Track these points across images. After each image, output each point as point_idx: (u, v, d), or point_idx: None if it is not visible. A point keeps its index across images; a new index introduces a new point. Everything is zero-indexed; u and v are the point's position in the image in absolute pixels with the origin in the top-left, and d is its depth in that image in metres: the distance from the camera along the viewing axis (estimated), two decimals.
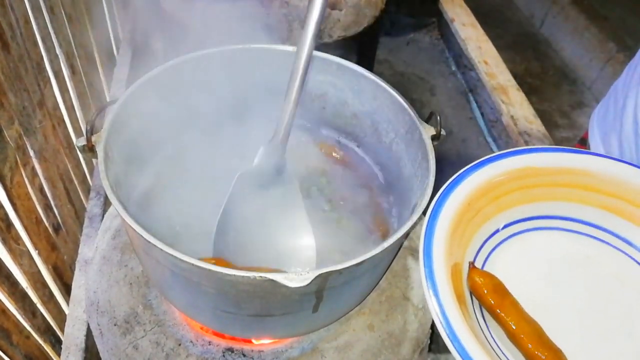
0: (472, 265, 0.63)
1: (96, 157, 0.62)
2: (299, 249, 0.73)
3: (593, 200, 0.71)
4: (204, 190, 0.79)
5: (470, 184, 0.67)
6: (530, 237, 0.71)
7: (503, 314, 0.59)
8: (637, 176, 0.69)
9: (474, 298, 0.62)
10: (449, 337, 0.53)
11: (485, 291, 0.60)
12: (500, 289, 0.61)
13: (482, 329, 0.60)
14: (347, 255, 0.72)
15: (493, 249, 0.69)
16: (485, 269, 0.67)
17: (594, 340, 0.62)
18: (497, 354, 0.58)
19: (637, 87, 0.81)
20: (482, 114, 2.12)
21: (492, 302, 0.59)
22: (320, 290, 0.59)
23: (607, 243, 0.71)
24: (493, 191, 0.68)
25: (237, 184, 0.72)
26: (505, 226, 0.70)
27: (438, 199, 0.64)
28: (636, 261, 0.69)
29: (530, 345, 0.56)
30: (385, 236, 0.81)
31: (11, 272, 0.88)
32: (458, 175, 0.67)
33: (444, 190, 0.65)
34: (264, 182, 0.74)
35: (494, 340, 0.60)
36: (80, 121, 1.29)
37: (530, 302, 0.61)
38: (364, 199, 0.86)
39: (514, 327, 0.58)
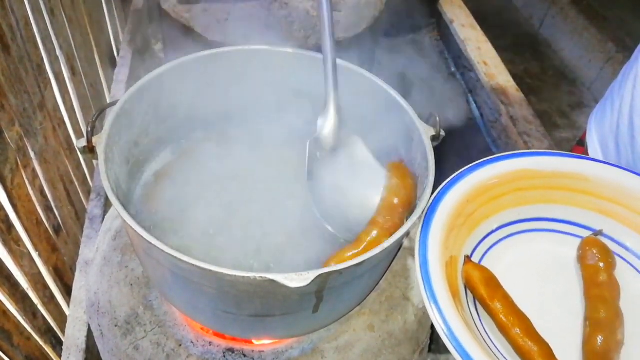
0: (467, 258, 0.64)
1: (97, 159, 0.62)
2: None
3: (589, 204, 0.71)
4: (205, 191, 0.79)
5: (468, 183, 0.68)
6: (525, 239, 0.72)
7: (494, 306, 0.60)
8: (633, 182, 0.69)
9: (468, 291, 0.63)
10: (440, 325, 0.54)
11: (478, 283, 0.61)
12: (492, 282, 0.62)
13: (474, 321, 0.61)
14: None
15: (489, 249, 0.70)
16: None
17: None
18: (487, 344, 0.59)
19: (633, 91, 0.80)
20: (481, 114, 2.11)
21: (485, 295, 0.61)
22: (321, 290, 0.59)
23: None
24: (490, 192, 0.69)
25: (311, 149, 0.75)
26: (499, 227, 0.71)
27: (437, 195, 0.66)
28: (631, 265, 0.69)
29: (518, 337, 0.58)
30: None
31: (12, 274, 0.88)
32: (456, 175, 0.69)
33: (442, 187, 0.67)
34: (332, 147, 0.77)
35: (486, 332, 0.61)
36: (80, 122, 1.29)
37: (524, 302, 0.62)
38: None
39: (504, 319, 0.59)
